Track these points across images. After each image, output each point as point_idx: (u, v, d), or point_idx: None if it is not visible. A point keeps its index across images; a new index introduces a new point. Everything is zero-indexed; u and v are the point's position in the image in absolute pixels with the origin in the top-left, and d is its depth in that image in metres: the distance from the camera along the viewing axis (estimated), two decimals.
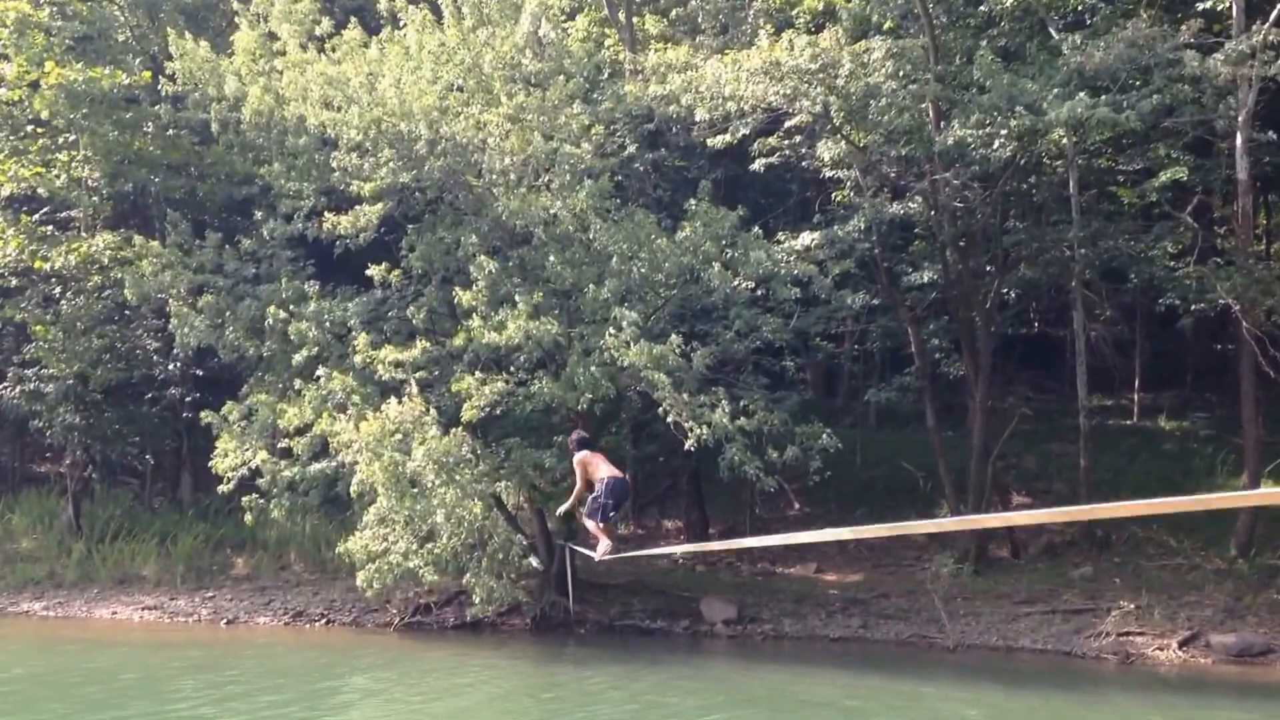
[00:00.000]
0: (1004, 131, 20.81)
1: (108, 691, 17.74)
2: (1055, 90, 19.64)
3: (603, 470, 12.76)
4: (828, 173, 23.57)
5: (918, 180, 22.85)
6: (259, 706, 16.80)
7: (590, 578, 22.13)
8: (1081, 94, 19.13)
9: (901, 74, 21.71)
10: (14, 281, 25.66)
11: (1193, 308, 22.81)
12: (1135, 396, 28.52)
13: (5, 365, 27.37)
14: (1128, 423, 27.98)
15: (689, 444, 19.08)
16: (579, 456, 12.86)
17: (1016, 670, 19.42)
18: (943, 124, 21.92)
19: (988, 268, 24.09)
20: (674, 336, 19.62)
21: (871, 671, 19.28)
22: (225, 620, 23.38)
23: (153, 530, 25.94)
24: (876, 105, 21.40)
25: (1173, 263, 23.77)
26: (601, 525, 12.84)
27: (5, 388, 26.45)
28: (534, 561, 21.21)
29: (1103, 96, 19.28)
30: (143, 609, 23.95)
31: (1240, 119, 20.88)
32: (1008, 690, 18.10)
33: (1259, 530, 21.72)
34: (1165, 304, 23.82)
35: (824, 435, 20.17)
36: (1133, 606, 20.65)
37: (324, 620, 23.14)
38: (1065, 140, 22.34)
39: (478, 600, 20.36)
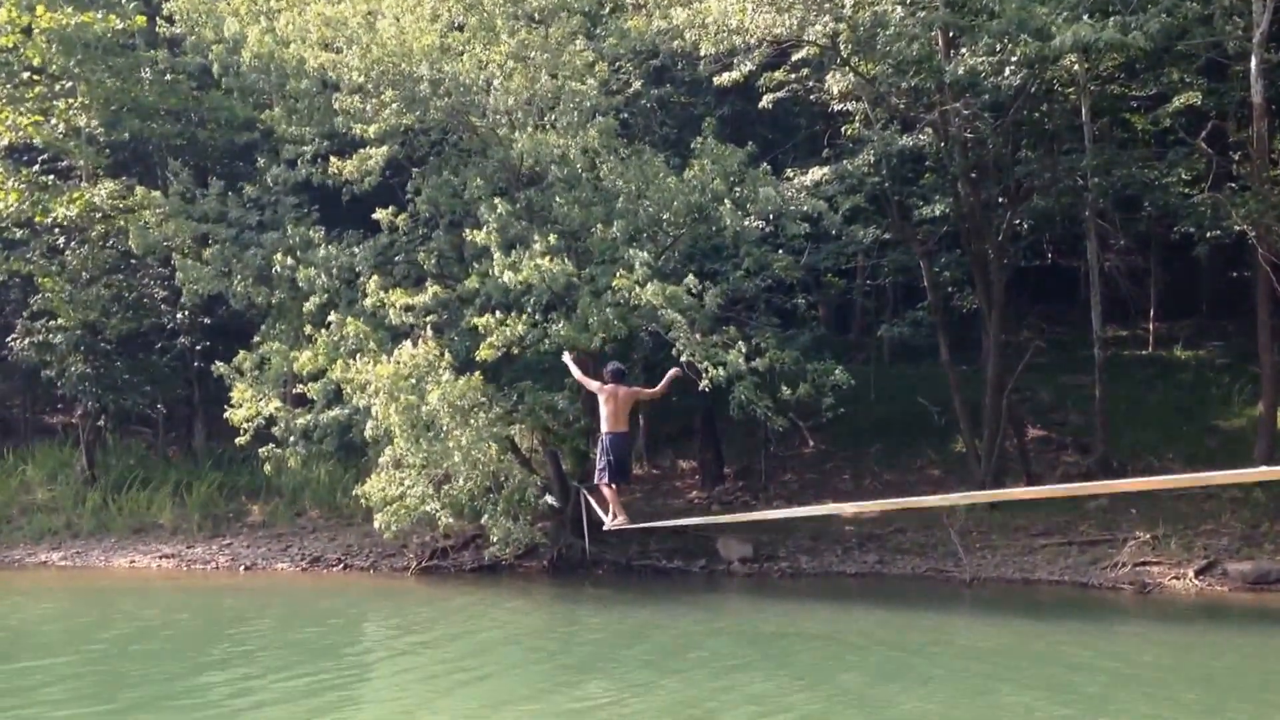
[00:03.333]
0: (1014, 59, 20.43)
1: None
2: (1064, 14, 19.23)
3: (605, 420, 11.95)
4: (836, 106, 23.22)
5: (928, 111, 22.50)
6: (280, 651, 16.92)
7: None
8: (1086, 17, 18.71)
9: (910, 1, 21.26)
10: (18, 233, 25.46)
11: (1208, 235, 22.58)
12: (1150, 326, 28.32)
13: (14, 317, 27.28)
14: (1143, 353, 27.82)
15: (703, 384, 18.98)
16: (603, 386, 12.24)
17: (1034, 602, 19.50)
18: (952, 53, 21.53)
19: (1000, 199, 23.81)
20: (689, 276, 19.43)
21: (890, 606, 19.36)
22: (243, 567, 23.52)
23: (167, 479, 26.03)
24: (885, 35, 20.97)
25: (1187, 190, 23.48)
26: (612, 491, 12.05)
27: (15, 339, 26.38)
28: (550, 499, 21.21)
29: (1110, 19, 18.87)
30: (160, 557, 24.08)
31: (1254, 40, 20.45)
32: (1026, 621, 18.17)
33: (1276, 458, 21.61)
34: (1180, 232, 23.54)
35: (836, 371, 20.05)
36: (1149, 536, 20.68)
37: (341, 565, 23.27)
38: (1076, 66, 21.95)
39: (495, 542, 20.42)
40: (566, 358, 13.59)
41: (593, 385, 12.54)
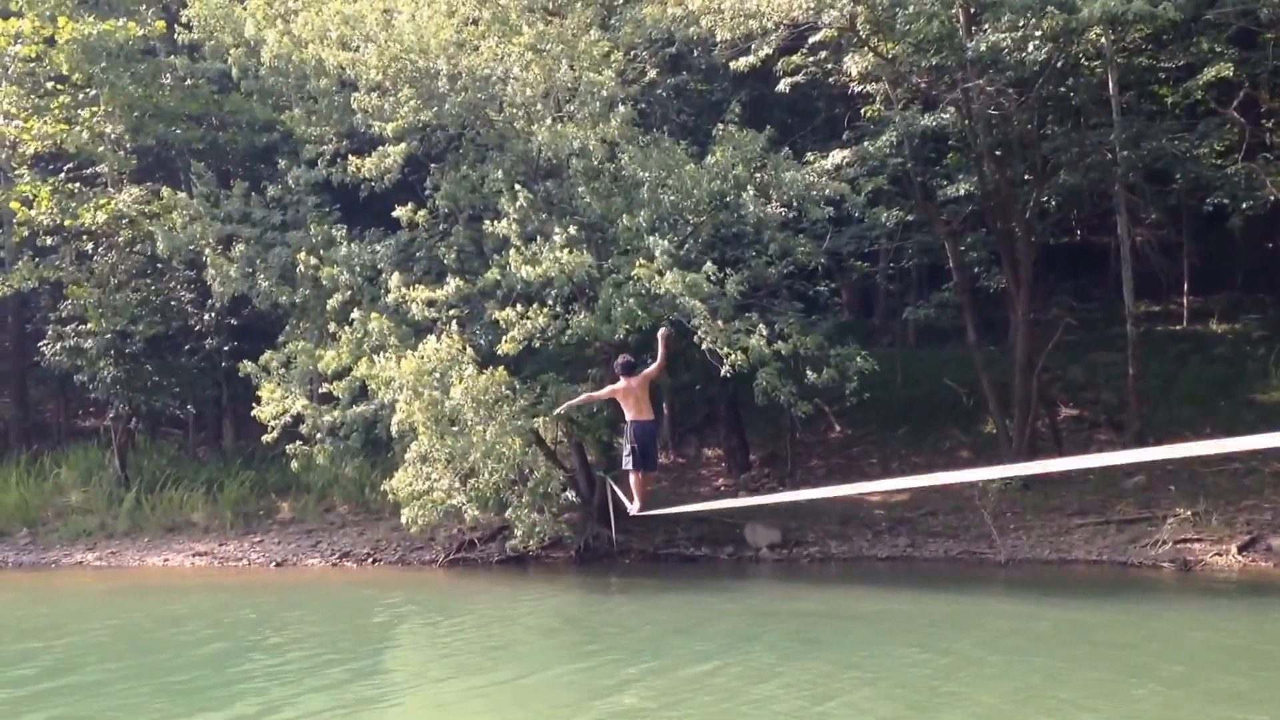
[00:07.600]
0: (1038, 33, 20.09)
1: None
2: None
3: (629, 410, 12.24)
4: (856, 87, 22.94)
5: (950, 90, 22.18)
6: (312, 642, 16.99)
7: None
8: None
9: None
10: (48, 240, 25.77)
11: (1242, 206, 22.15)
12: (1184, 301, 27.79)
13: (45, 323, 27.64)
14: (1177, 328, 27.31)
15: (724, 370, 18.90)
16: (618, 385, 12.35)
17: (1071, 582, 19.18)
18: (974, 29, 21.20)
19: (1026, 176, 23.44)
20: (708, 264, 19.30)
21: (922, 589, 19.10)
22: (275, 563, 23.69)
23: (199, 478, 26.28)
24: (904, 14, 20.68)
25: (1219, 160, 23.05)
26: (638, 477, 12.37)
27: (46, 345, 26.72)
28: (571, 495, 21.19)
29: None
30: (194, 555, 24.29)
31: None
32: (1064, 602, 17.85)
33: None
34: (1213, 204, 23.04)
35: (859, 357, 19.85)
36: (1189, 513, 20.31)
37: (370, 560, 23.37)
38: (1103, 39, 21.55)
39: (520, 535, 20.41)
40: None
41: (607, 391, 12.62)
